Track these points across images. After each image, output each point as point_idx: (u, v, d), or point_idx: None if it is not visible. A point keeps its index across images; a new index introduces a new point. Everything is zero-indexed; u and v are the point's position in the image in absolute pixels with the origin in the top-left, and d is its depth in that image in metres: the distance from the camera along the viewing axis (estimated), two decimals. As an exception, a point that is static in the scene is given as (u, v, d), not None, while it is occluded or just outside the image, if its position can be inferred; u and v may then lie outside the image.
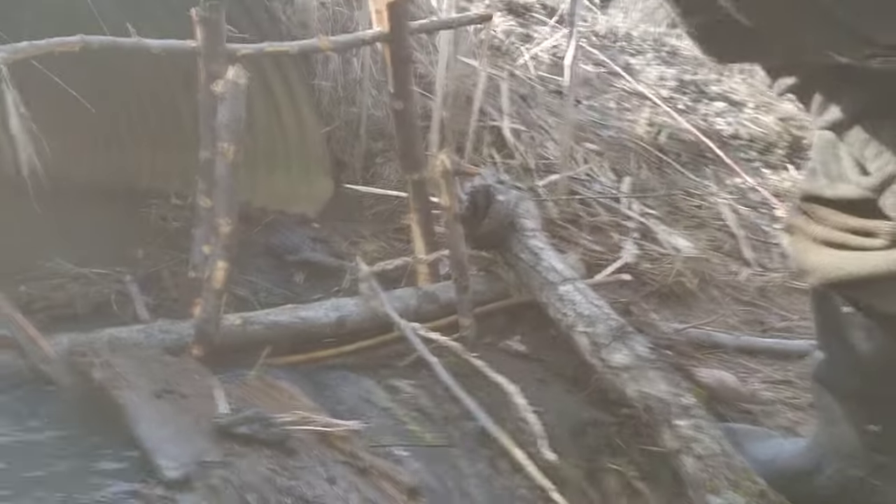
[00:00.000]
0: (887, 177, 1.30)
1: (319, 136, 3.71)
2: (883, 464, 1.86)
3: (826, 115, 1.37)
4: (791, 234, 1.76)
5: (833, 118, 1.35)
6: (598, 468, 2.10)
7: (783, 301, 3.28)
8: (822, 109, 1.38)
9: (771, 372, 2.66)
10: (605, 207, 3.78)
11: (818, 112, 1.40)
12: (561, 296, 2.38)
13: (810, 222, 1.70)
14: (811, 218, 1.70)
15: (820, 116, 1.39)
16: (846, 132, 1.36)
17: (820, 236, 1.68)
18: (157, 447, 1.59)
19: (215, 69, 2.37)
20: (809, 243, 1.71)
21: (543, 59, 4.98)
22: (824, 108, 1.37)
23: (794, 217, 1.75)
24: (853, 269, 1.60)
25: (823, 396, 1.90)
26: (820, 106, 1.38)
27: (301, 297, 2.88)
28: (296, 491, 1.56)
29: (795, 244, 1.75)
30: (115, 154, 4.46)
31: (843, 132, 1.37)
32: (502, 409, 2.16)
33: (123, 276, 2.72)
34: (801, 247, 1.73)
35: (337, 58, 3.81)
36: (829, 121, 1.37)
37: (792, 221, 1.76)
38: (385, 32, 2.61)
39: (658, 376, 2.00)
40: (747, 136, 4.83)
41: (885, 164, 1.30)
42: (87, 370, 1.84)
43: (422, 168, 2.77)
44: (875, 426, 1.81)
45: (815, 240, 1.69)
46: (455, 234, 2.48)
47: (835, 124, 1.36)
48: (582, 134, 4.35)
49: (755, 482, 1.71)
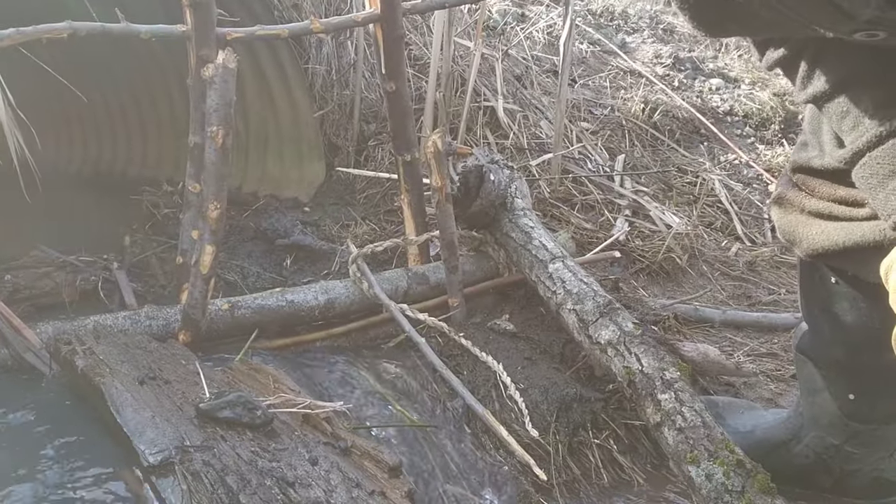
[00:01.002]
0: (858, 150, 1.30)
1: (312, 119, 3.71)
2: (858, 431, 1.88)
3: (808, 88, 1.37)
4: (780, 206, 1.77)
5: (814, 91, 1.36)
6: (582, 443, 2.11)
7: (771, 275, 3.29)
8: (804, 83, 1.39)
9: (757, 345, 2.68)
10: (598, 186, 3.77)
11: (801, 86, 1.40)
12: (550, 274, 2.38)
13: (800, 193, 1.71)
14: (801, 189, 1.71)
15: (803, 90, 1.40)
16: (826, 105, 1.36)
17: (808, 207, 1.68)
18: (137, 432, 1.60)
19: (206, 53, 2.36)
20: (798, 214, 1.71)
21: (538, 39, 4.95)
22: (807, 82, 1.38)
23: (785, 189, 1.76)
24: (840, 240, 1.60)
25: (806, 367, 1.92)
26: (803, 80, 1.39)
27: (291, 280, 2.89)
28: (277, 472, 1.57)
29: (785, 216, 1.75)
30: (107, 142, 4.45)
31: (823, 105, 1.37)
32: (488, 387, 2.18)
33: (111, 263, 2.72)
34: (791, 218, 1.73)
35: (330, 41, 3.80)
36: (810, 94, 1.37)
37: (782, 193, 1.76)
38: (377, 13, 2.60)
39: (643, 351, 2.01)
40: (742, 112, 4.81)
41: (858, 136, 1.30)
42: (70, 358, 1.85)
43: (413, 149, 2.77)
44: (853, 395, 1.82)
45: (804, 211, 1.70)
46: (446, 215, 2.48)
47: (815, 97, 1.37)
48: (576, 113, 4.34)
49: (733, 452, 1.73)
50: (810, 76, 1.36)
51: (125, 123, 4.32)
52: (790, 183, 1.74)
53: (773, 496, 1.66)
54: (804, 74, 1.37)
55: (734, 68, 5.30)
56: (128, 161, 4.32)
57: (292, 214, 3.35)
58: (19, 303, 2.38)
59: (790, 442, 1.99)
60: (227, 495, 1.48)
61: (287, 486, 1.54)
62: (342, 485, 1.59)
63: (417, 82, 4.03)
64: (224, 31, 2.44)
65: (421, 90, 3.90)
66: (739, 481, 1.68)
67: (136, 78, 4.07)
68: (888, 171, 1.24)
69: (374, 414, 2.04)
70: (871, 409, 1.85)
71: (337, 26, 2.83)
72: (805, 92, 1.39)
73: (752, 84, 5.09)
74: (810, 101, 1.40)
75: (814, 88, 1.36)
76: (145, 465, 1.53)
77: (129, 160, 4.32)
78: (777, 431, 2.02)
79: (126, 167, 4.30)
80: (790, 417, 2.02)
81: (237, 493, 1.48)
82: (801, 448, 1.98)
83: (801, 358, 1.94)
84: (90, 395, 1.78)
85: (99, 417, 1.73)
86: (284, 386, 1.94)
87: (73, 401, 1.85)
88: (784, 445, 1.99)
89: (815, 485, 2.02)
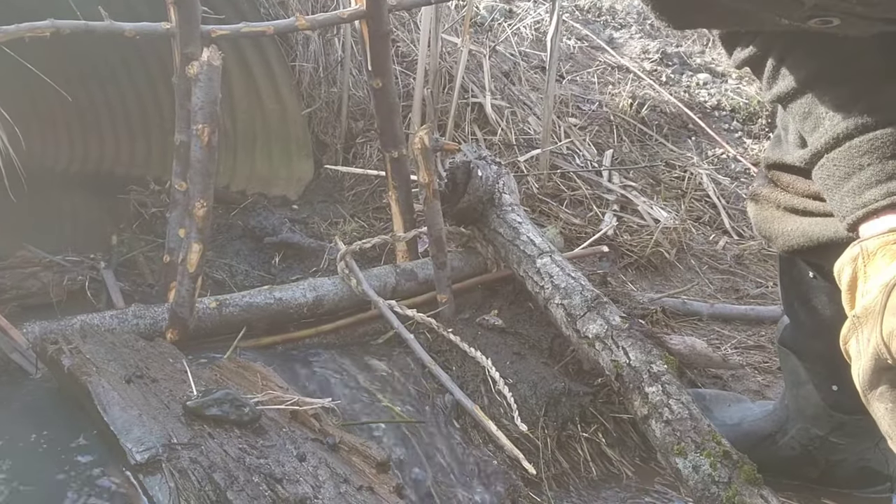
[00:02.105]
0: (816, 151, 1.30)
1: (300, 117, 3.70)
2: (842, 422, 1.90)
3: (774, 87, 1.37)
4: (756, 202, 1.77)
5: (779, 91, 1.35)
6: (570, 436, 2.12)
7: (759, 268, 3.30)
8: (770, 83, 1.38)
9: (744, 338, 2.69)
10: (586, 181, 3.78)
11: (767, 85, 1.40)
12: (538, 269, 2.39)
13: (775, 189, 1.71)
14: (776, 185, 1.71)
15: (769, 90, 1.39)
16: (790, 105, 1.36)
17: (783, 203, 1.68)
18: (124, 431, 1.60)
19: (191, 51, 2.35)
20: (774, 210, 1.72)
21: (526, 35, 4.95)
22: (773, 82, 1.37)
23: (760, 185, 1.76)
24: (815, 235, 1.60)
25: (789, 360, 1.93)
26: (769, 79, 1.38)
27: (279, 278, 2.89)
28: (264, 469, 1.57)
29: (760, 212, 1.76)
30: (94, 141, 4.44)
31: (788, 105, 1.37)
32: (477, 382, 2.18)
33: (98, 262, 2.71)
34: (766, 214, 1.74)
35: (317, 38, 3.79)
36: (775, 93, 1.37)
37: (757, 190, 1.77)
38: (363, 10, 2.59)
39: (630, 345, 2.02)
40: (729, 106, 4.82)
41: (818, 138, 1.30)
42: (57, 357, 1.85)
43: (401, 145, 2.77)
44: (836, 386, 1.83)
45: (779, 207, 1.70)
46: (433, 211, 2.48)
47: (780, 97, 1.36)
48: (564, 108, 4.35)
49: (720, 443, 1.74)
50: (776, 75, 1.36)
51: (112, 122, 4.30)
52: (765, 179, 1.75)
53: (759, 487, 1.67)
54: (770, 74, 1.37)
55: (721, 63, 5.31)
56: (115, 160, 4.31)
57: (280, 212, 3.34)
58: (6, 303, 2.37)
59: (776, 434, 2.01)
60: (215, 492, 1.48)
61: (275, 482, 1.54)
62: (330, 480, 1.59)
63: (405, 79, 4.03)
64: (209, 29, 2.44)
65: (408, 87, 3.90)
66: (726, 472, 1.69)
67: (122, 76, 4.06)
68: (843, 174, 1.24)
69: (363, 410, 2.04)
70: (854, 399, 1.85)
71: (323, 23, 2.82)
72: (770, 91, 1.39)
73: (739, 79, 5.11)
74: (775, 101, 1.40)
75: (779, 88, 1.36)
76: (132, 463, 1.53)
77: (116, 159, 4.30)
78: (763, 423, 2.04)
79: (113, 166, 4.29)
80: (776, 409, 2.04)
81: (225, 490, 1.48)
82: (787, 440, 1.99)
83: (784, 351, 1.95)
84: (77, 394, 1.77)
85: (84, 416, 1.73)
86: (272, 383, 1.94)
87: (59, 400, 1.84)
88: (770, 437, 2.01)
89: (801, 476, 2.03)
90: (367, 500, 1.58)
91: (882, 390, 1.06)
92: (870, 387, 1.06)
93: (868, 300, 1.09)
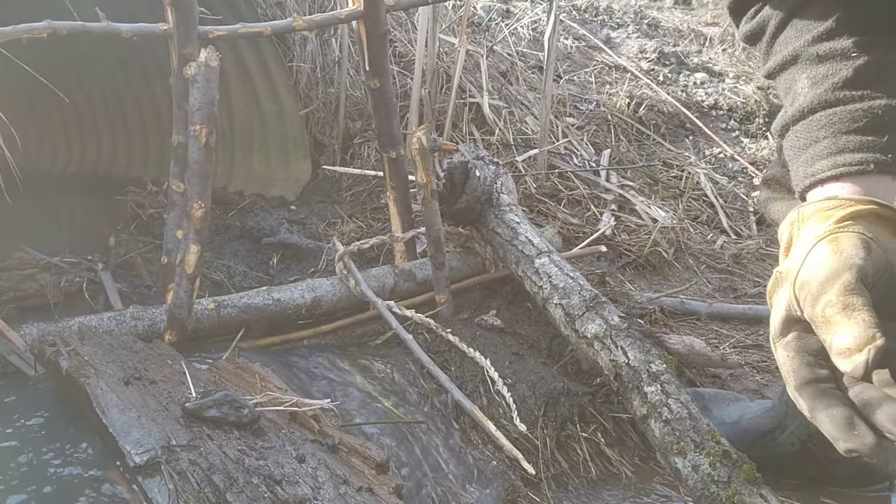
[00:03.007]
0: (784, 123, 1.33)
1: (298, 118, 3.70)
2: None
3: (767, 62, 1.39)
4: (769, 186, 1.78)
5: (770, 66, 1.37)
6: (569, 436, 2.12)
7: (756, 267, 3.31)
8: (765, 58, 1.40)
9: (742, 337, 2.69)
10: (584, 181, 3.78)
11: (763, 60, 1.41)
12: (537, 269, 2.39)
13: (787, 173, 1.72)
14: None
15: (764, 65, 1.41)
16: (777, 80, 1.38)
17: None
18: (123, 433, 1.59)
19: (188, 52, 2.35)
20: (786, 194, 1.72)
21: (523, 35, 4.96)
22: (766, 57, 1.39)
23: (774, 170, 1.77)
24: None
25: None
26: (764, 54, 1.40)
27: (277, 279, 2.88)
28: (264, 470, 1.57)
29: (772, 195, 1.76)
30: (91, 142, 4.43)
31: (776, 79, 1.39)
32: (476, 382, 2.18)
33: (95, 264, 2.71)
34: (777, 197, 1.74)
35: (315, 39, 3.79)
36: (767, 68, 1.39)
37: (771, 174, 1.77)
38: (360, 10, 2.59)
39: (629, 344, 2.01)
40: (727, 105, 4.83)
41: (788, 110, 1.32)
42: (55, 359, 1.84)
43: (398, 146, 2.77)
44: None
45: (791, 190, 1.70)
46: (431, 211, 2.48)
47: (770, 72, 1.38)
48: (562, 108, 4.35)
49: (719, 443, 1.73)
50: (769, 52, 1.38)
51: (109, 123, 4.30)
52: (779, 163, 1.76)
53: (758, 486, 1.67)
54: (765, 50, 1.39)
55: (718, 62, 5.32)
56: (112, 161, 4.31)
57: (278, 213, 3.34)
58: (3, 305, 2.36)
59: (775, 431, 2.00)
60: (214, 494, 1.48)
61: (274, 483, 1.53)
62: (329, 482, 1.59)
63: (403, 79, 4.03)
64: (206, 30, 2.44)
65: (406, 87, 3.90)
66: (725, 472, 1.69)
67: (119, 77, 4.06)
68: (802, 145, 1.27)
69: (362, 411, 2.04)
70: None
71: (320, 24, 2.82)
72: (765, 67, 1.41)
73: (736, 78, 5.11)
74: (767, 77, 1.42)
75: (772, 62, 1.37)
76: (131, 465, 1.52)
77: (113, 160, 4.30)
78: (762, 421, 2.03)
79: (110, 167, 4.29)
80: (775, 406, 2.04)
81: (224, 492, 1.48)
82: (786, 436, 1.99)
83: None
84: (75, 396, 1.77)
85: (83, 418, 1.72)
86: (271, 384, 1.93)
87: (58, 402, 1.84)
88: (769, 434, 2.01)
89: (800, 473, 2.03)
90: (366, 500, 1.57)
91: (789, 339, 1.11)
92: (779, 335, 1.10)
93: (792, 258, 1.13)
